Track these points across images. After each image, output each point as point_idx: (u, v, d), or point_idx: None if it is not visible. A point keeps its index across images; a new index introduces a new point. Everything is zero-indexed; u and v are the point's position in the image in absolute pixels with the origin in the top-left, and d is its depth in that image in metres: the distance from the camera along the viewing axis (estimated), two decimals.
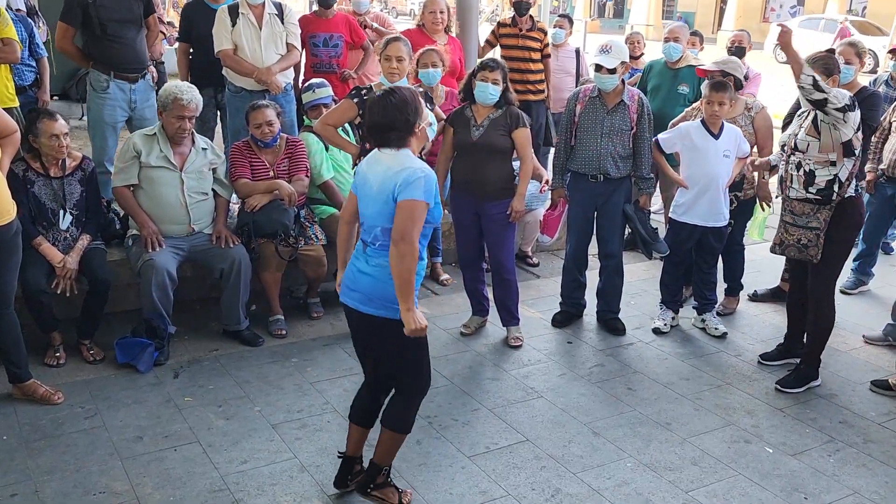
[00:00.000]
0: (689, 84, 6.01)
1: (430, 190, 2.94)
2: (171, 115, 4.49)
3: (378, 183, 3.00)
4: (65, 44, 5.13)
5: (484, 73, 4.51)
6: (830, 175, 4.14)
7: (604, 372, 4.57)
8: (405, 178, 2.91)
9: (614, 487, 3.50)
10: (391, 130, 2.99)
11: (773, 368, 4.65)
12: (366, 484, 3.27)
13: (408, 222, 2.89)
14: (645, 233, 5.01)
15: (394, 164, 2.98)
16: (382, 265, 3.01)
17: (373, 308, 3.05)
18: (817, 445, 3.90)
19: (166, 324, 4.45)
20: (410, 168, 2.94)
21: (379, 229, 3.02)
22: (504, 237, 4.74)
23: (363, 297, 3.07)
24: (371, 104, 3.05)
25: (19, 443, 3.64)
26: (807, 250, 4.24)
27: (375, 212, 3.02)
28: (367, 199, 3.06)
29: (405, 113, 2.98)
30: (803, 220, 4.24)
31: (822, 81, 4.01)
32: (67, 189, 4.37)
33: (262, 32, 5.33)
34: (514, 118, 4.59)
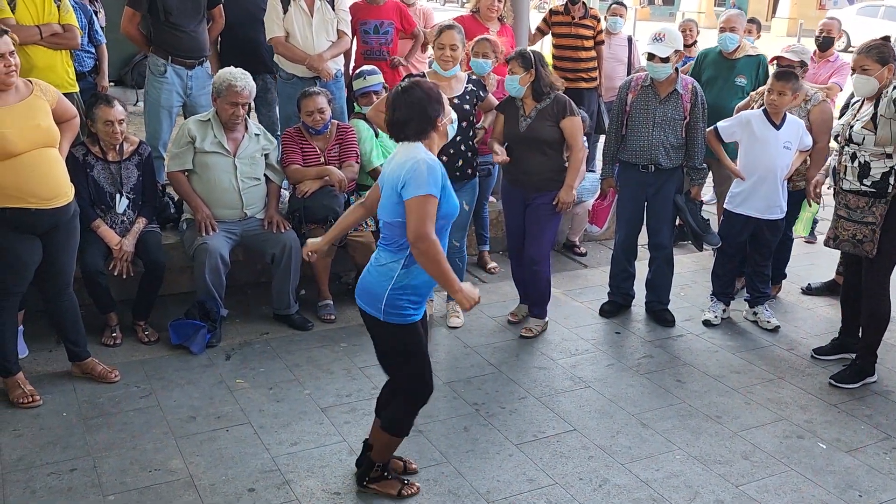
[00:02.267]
0: (746, 75, 5.84)
1: (435, 180, 2.85)
2: (225, 102, 4.55)
3: (388, 175, 2.97)
4: (130, 28, 5.24)
5: (509, 65, 4.53)
6: (886, 167, 4.03)
7: (652, 363, 4.53)
8: (407, 172, 2.84)
9: (663, 479, 3.48)
10: (410, 125, 2.94)
11: (827, 363, 4.56)
12: (361, 476, 3.31)
13: (419, 221, 2.81)
14: (696, 224, 4.95)
15: (403, 156, 2.93)
16: (380, 262, 3.00)
17: (361, 301, 3.06)
18: (873, 443, 3.82)
19: (219, 306, 4.53)
20: (413, 159, 2.87)
21: (383, 222, 3.00)
22: (543, 229, 4.67)
23: (359, 290, 3.08)
24: (391, 98, 3.01)
25: (78, 419, 3.75)
26: (862, 245, 4.14)
27: (382, 204, 3.00)
28: (383, 191, 3.04)
29: (425, 108, 2.94)
30: (858, 215, 4.14)
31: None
32: (124, 173, 4.47)
33: (313, 19, 5.37)
34: (562, 107, 4.53)
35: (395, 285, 2.96)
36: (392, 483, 3.30)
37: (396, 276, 2.96)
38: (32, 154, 3.56)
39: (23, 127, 3.53)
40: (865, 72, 4.08)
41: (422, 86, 2.99)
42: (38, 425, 3.68)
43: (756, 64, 5.87)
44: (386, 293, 2.96)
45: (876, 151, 4.03)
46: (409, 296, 2.98)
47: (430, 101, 2.96)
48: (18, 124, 3.52)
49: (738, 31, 5.92)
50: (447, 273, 2.88)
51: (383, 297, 2.96)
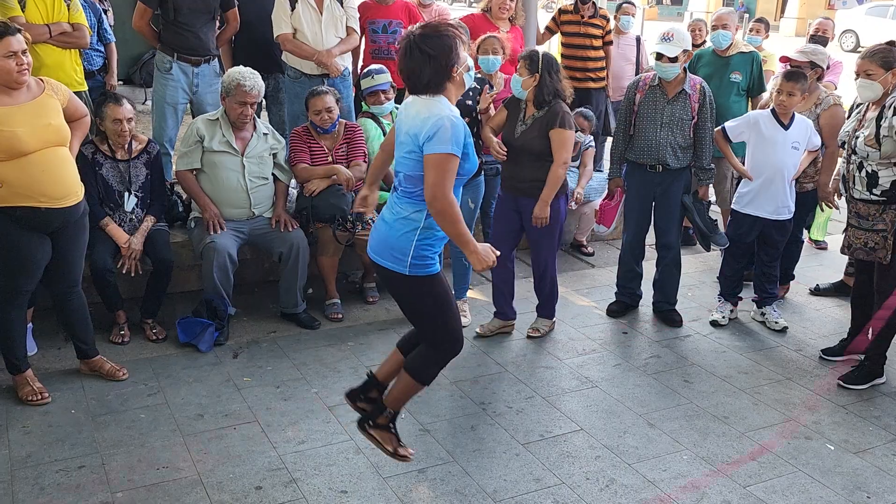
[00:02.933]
0: (741, 72, 5.86)
1: (457, 139, 2.78)
2: (234, 101, 4.56)
3: (406, 128, 2.87)
4: (142, 24, 5.28)
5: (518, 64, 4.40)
6: (894, 175, 4.02)
7: (660, 363, 4.53)
8: (430, 127, 2.75)
9: (670, 479, 3.47)
10: (424, 78, 2.82)
11: (835, 364, 4.55)
12: (366, 418, 3.18)
13: (438, 179, 2.74)
14: (703, 224, 4.93)
15: (423, 110, 2.83)
16: (399, 214, 2.91)
17: (381, 258, 2.96)
18: (881, 444, 3.81)
19: (226, 305, 4.54)
20: (437, 116, 2.77)
21: (402, 175, 2.91)
22: (542, 235, 4.55)
23: (375, 246, 3.00)
24: (405, 47, 2.83)
25: (87, 416, 3.76)
26: (875, 252, 4.13)
27: (401, 157, 2.91)
28: (398, 142, 2.95)
29: (441, 58, 2.79)
30: (869, 223, 4.12)
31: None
32: (133, 171, 4.48)
33: (322, 16, 5.38)
34: (553, 117, 4.33)
35: (420, 235, 2.90)
36: (391, 438, 3.18)
37: (421, 225, 2.90)
38: (44, 153, 3.57)
39: (34, 126, 3.54)
40: (870, 76, 4.06)
41: (435, 32, 2.83)
42: (46, 422, 3.70)
43: (750, 60, 5.88)
44: (413, 244, 2.90)
45: (882, 162, 4.02)
46: (432, 246, 2.94)
47: (445, 50, 2.80)
48: (30, 123, 3.53)
49: (730, 29, 5.93)
50: (464, 232, 2.83)
51: (409, 250, 2.89)
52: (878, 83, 4.05)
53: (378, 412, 3.18)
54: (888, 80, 4.04)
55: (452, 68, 2.85)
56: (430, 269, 2.97)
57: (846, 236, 4.29)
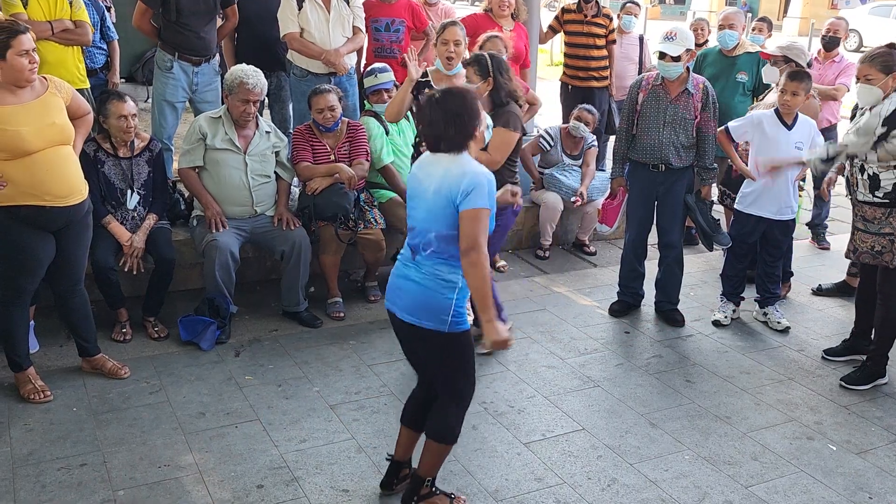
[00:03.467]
0: (747, 72, 5.86)
1: (492, 194, 2.86)
2: (237, 99, 4.56)
3: (435, 187, 2.87)
4: (142, 23, 5.27)
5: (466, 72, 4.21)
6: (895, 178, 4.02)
7: (661, 363, 4.52)
8: (468, 184, 2.79)
9: (671, 479, 3.47)
10: (448, 138, 2.85)
11: (837, 364, 4.54)
12: (410, 496, 3.14)
13: (475, 231, 2.78)
14: (706, 224, 4.93)
15: (453, 167, 2.85)
16: (433, 274, 2.91)
17: (418, 318, 2.94)
18: (883, 444, 3.80)
19: (228, 303, 4.54)
20: (472, 173, 2.82)
21: (433, 234, 2.89)
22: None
23: (409, 307, 2.96)
24: (426, 109, 2.89)
25: (88, 414, 3.76)
26: (881, 256, 4.12)
27: (430, 217, 2.89)
28: (420, 203, 2.93)
29: (463, 119, 2.84)
30: (875, 227, 4.11)
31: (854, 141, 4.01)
32: (135, 169, 4.48)
33: (330, 15, 5.37)
34: (499, 117, 4.16)
35: (459, 295, 2.92)
36: (441, 499, 3.17)
37: (460, 286, 2.91)
38: (47, 152, 3.57)
39: (38, 125, 3.53)
40: (869, 81, 4.03)
41: (459, 95, 2.87)
42: (48, 420, 3.70)
43: (756, 60, 5.87)
44: (452, 303, 2.91)
45: (882, 164, 4.02)
46: (464, 300, 2.96)
47: (468, 113, 2.85)
48: (34, 122, 3.52)
49: (736, 28, 5.93)
50: (489, 293, 2.82)
51: (450, 309, 2.90)
52: (878, 87, 4.02)
53: (419, 485, 3.14)
54: (888, 84, 4.01)
55: (475, 128, 2.89)
56: (465, 324, 2.98)
57: (852, 240, 4.28)
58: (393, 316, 3.05)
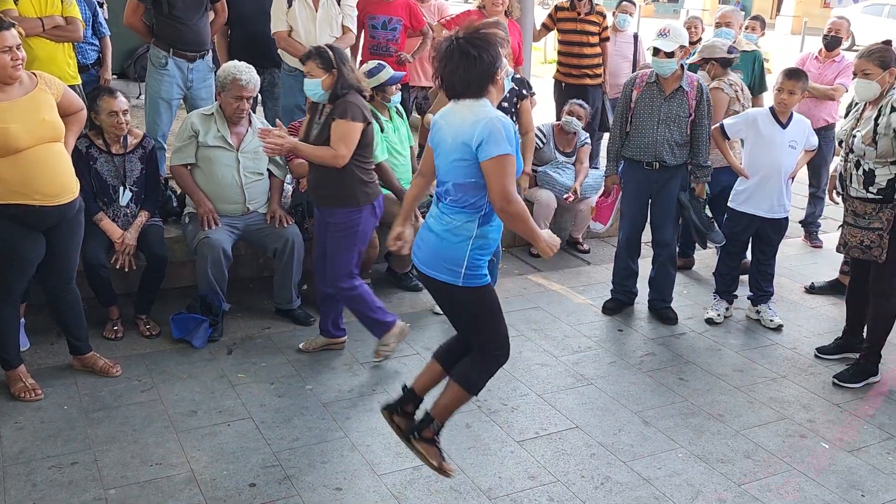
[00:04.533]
0: (743, 71, 5.87)
1: (510, 138, 2.78)
2: (230, 96, 4.54)
3: (453, 135, 2.84)
4: (134, 20, 5.23)
5: (306, 66, 3.98)
6: (891, 174, 4.03)
7: (655, 361, 4.52)
8: (482, 129, 2.74)
9: (665, 477, 3.47)
10: (468, 83, 2.79)
11: (830, 362, 4.55)
12: (412, 430, 3.11)
13: (503, 181, 2.74)
14: (700, 222, 4.93)
15: (469, 115, 2.80)
16: (450, 225, 2.88)
17: (434, 270, 2.94)
18: (875, 442, 3.81)
19: (220, 301, 4.52)
20: (486, 118, 2.76)
21: (451, 184, 2.87)
22: (334, 250, 4.10)
23: (426, 258, 2.96)
24: (446, 52, 2.79)
25: (79, 413, 3.74)
26: (870, 251, 4.13)
27: (449, 166, 2.87)
28: (442, 152, 2.92)
29: (485, 61, 2.77)
30: (865, 221, 4.12)
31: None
32: (128, 166, 4.45)
33: (317, 14, 5.35)
34: (337, 108, 3.92)
35: (473, 245, 2.89)
36: (436, 451, 3.13)
37: (474, 235, 2.88)
38: (37, 149, 3.53)
39: (28, 121, 3.49)
40: (867, 76, 4.06)
41: (479, 35, 2.80)
42: (39, 418, 3.68)
43: (752, 59, 5.89)
44: (466, 255, 2.88)
45: (879, 160, 4.02)
46: (483, 255, 2.93)
47: (490, 53, 2.78)
48: (23, 119, 3.48)
49: (733, 27, 5.93)
50: (534, 227, 2.87)
51: (464, 260, 2.87)
52: (876, 82, 4.05)
53: (426, 424, 3.13)
54: (886, 80, 4.05)
55: (496, 72, 2.84)
56: (483, 279, 2.96)
57: (842, 234, 4.29)
58: (418, 270, 3.05)
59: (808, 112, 5.61)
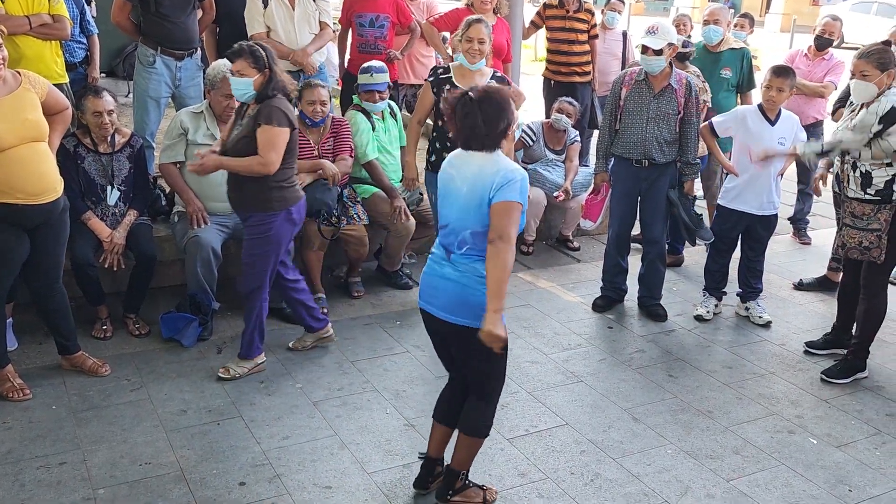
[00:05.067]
0: (731, 68, 5.89)
1: (525, 192, 2.87)
2: (220, 94, 4.52)
3: (469, 185, 2.88)
4: (121, 18, 5.20)
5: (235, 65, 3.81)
6: (888, 175, 4.05)
7: (645, 358, 4.54)
8: (501, 179, 2.81)
9: (654, 474, 3.48)
10: (483, 137, 2.86)
11: (819, 358, 4.57)
12: (445, 490, 3.18)
13: (506, 221, 2.80)
14: (689, 219, 4.95)
15: (487, 165, 2.87)
16: (471, 271, 2.91)
17: (456, 316, 2.95)
18: (863, 438, 3.83)
19: (210, 300, 4.50)
20: (506, 169, 2.85)
21: (469, 233, 2.90)
22: (248, 257, 3.97)
23: (447, 305, 2.97)
24: (462, 106, 2.88)
25: (68, 413, 3.72)
26: (869, 252, 4.15)
27: (465, 215, 2.90)
28: (454, 201, 2.94)
29: (499, 119, 2.85)
30: (863, 223, 4.13)
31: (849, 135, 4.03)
32: (116, 165, 4.43)
33: (294, 13, 5.33)
34: (260, 113, 3.74)
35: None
36: (475, 491, 3.22)
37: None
38: (20, 149, 3.50)
39: (11, 121, 3.46)
40: (865, 77, 4.04)
41: (495, 97, 2.88)
42: (27, 418, 3.66)
43: (740, 57, 5.91)
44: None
45: (875, 161, 4.04)
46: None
47: (506, 114, 2.87)
48: (6, 118, 3.45)
49: (721, 24, 5.94)
50: (505, 284, 2.83)
51: (481, 304, 2.88)
52: (874, 84, 4.03)
53: (454, 479, 3.18)
54: (883, 81, 4.02)
55: (509, 126, 2.90)
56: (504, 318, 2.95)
57: (840, 236, 4.30)
58: (428, 315, 3.06)
59: (798, 109, 5.62)
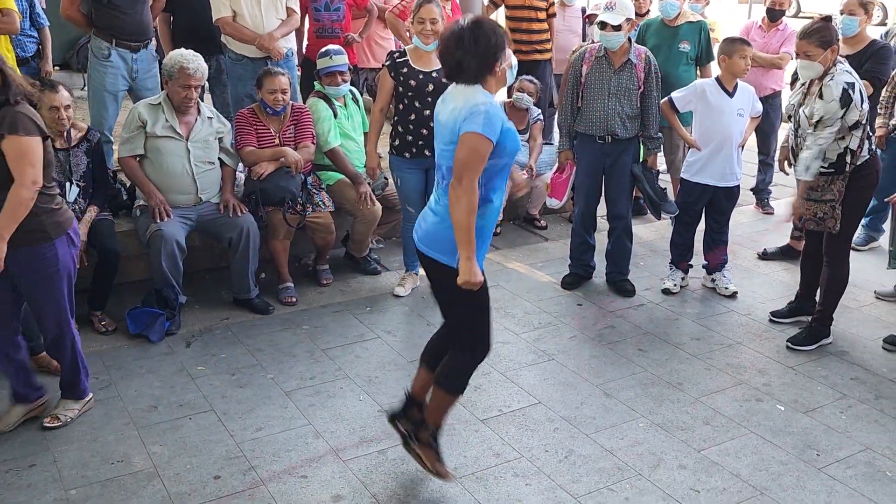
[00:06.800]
0: (690, 41, 5.91)
1: (492, 125, 2.75)
2: (177, 84, 4.45)
3: (444, 120, 2.87)
4: (71, 11, 5.07)
5: None
6: (840, 148, 4.10)
7: (614, 333, 4.58)
8: (466, 111, 2.76)
9: (627, 447, 3.52)
10: (468, 65, 2.80)
11: (784, 326, 4.65)
12: (409, 434, 3.19)
13: (465, 160, 2.74)
14: (653, 193, 4.98)
15: (460, 99, 2.83)
16: (446, 206, 2.88)
17: (429, 248, 2.96)
18: (829, 402, 3.91)
19: (177, 293, 4.46)
20: (473, 103, 2.78)
21: (445, 168, 2.89)
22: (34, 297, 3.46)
23: (425, 238, 2.98)
24: (448, 34, 2.84)
25: None
26: (824, 222, 4.21)
27: (442, 149, 2.90)
28: (438, 135, 2.95)
29: (488, 50, 2.79)
30: (817, 195, 4.19)
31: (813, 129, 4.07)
32: (73, 161, 4.35)
33: None
34: (5, 122, 3.13)
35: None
36: (433, 454, 3.18)
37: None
38: None
39: None
40: (809, 57, 4.06)
41: (486, 25, 2.82)
42: None
43: (698, 30, 5.94)
44: None
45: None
46: (482, 245, 2.91)
47: (493, 43, 2.80)
48: None
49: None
50: (469, 230, 2.77)
51: (453, 242, 2.85)
52: (818, 62, 4.06)
53: (419, 428, 3.19)
54: (828, 58, 4.05)
55: (496, 62, 2.84)
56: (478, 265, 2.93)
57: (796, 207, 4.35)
58: (420, 253, 3.04)
59: (755, 81, 5.67)
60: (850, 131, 4.06)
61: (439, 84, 4.54)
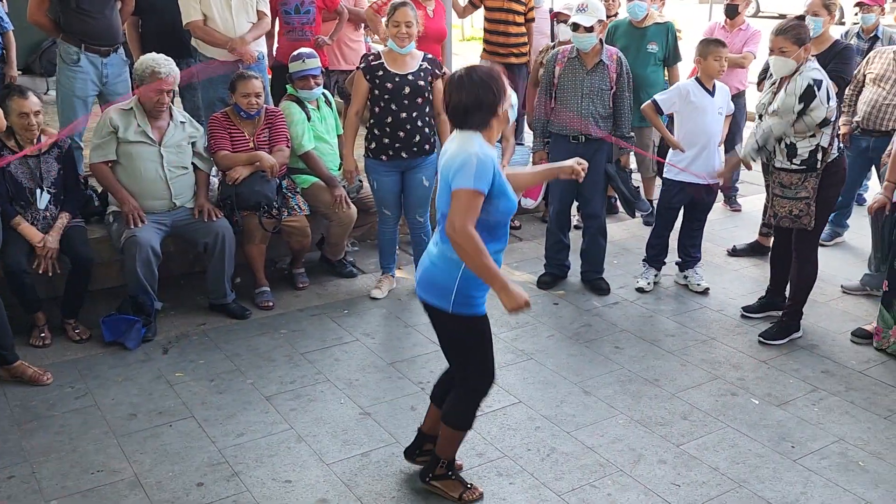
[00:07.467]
0: (657, 42, 5.99)
1: (481, 175, 2.73)
2: (149, 89, 4.40)
3: (443, 164, 2.87)
4: (39, 16, 4.98)
5: None
6: (812, 145, 4.19)
7: (591, 332, 4.63)
8: (459, 163, 2.75)
9: (608, 444, 3.57)
10: (471, 114, 2.81)
11: (756, 321, 4.74)
12: (425, 472, 3.22)
13: (457, 213, 2.72)
14: (628, 192, 5.05)
15: (457, 148, 2.82)
16: (443, 253, 2.90)
17: (426, 295, 2.96)
18: (801, 395, 3.99)
19: (152, 300, 4.42)
20: (466, 152, 2.76)
21: (440, 213, 2.91)
22: None
23: (421, 281, 2.99)
24: (452, 82, 2.85)
25: (11, 424, 3.61)
26: (800, 220, 4.30)
27: (440, 194, 2.90)
28: (439, 181, 2.94)
29: (487, 94, 2.79)
30: (792, 192, 4.28)
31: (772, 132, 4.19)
32: (44, 167, 4.29)
33: (232, 1, 5.22)
34: None
35: (463, 274, 2.87)
36: (455, 484, 3.20)
37: (465, 266, 2.84)
38: None
39: None
40: (784, 53, 4.15)
41: (480, 73, 2.83)
42: None
43: (665, 31, 6.01)
44: (456, 283, 2.88)
45: (799, 135, 4.18)
46: (477, 284, 2.89)
47: (492, 89, 2.80)
48: None
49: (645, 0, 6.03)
50: (488, 268, 2.74)
51: (453, 288, 2.87)
52: (792, 59, 4.15)
53: (434, 463, 3.20)
54: (801, 56, 4.15)
55: (497, 105, 2.84)
56: (476, 308, 2.94)
57: (771, 206, 4.43)
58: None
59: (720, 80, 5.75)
60: (819, 129, 4.15)
61: (415, 87, 4.56)
